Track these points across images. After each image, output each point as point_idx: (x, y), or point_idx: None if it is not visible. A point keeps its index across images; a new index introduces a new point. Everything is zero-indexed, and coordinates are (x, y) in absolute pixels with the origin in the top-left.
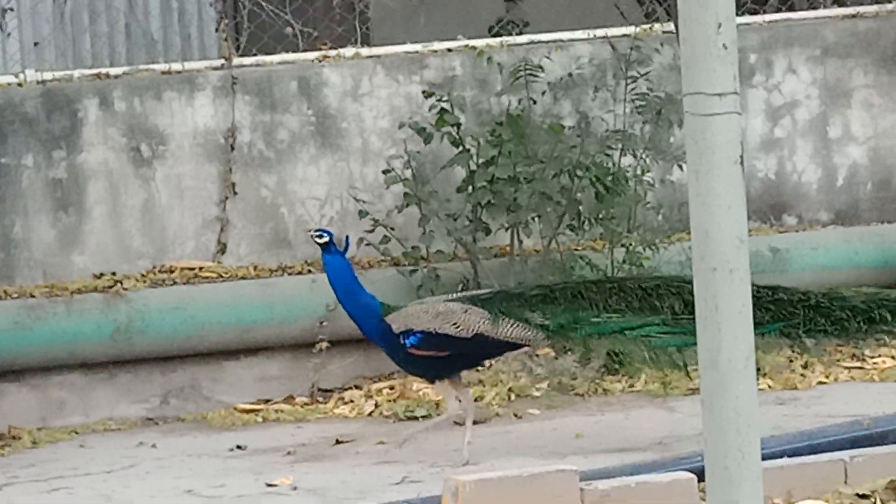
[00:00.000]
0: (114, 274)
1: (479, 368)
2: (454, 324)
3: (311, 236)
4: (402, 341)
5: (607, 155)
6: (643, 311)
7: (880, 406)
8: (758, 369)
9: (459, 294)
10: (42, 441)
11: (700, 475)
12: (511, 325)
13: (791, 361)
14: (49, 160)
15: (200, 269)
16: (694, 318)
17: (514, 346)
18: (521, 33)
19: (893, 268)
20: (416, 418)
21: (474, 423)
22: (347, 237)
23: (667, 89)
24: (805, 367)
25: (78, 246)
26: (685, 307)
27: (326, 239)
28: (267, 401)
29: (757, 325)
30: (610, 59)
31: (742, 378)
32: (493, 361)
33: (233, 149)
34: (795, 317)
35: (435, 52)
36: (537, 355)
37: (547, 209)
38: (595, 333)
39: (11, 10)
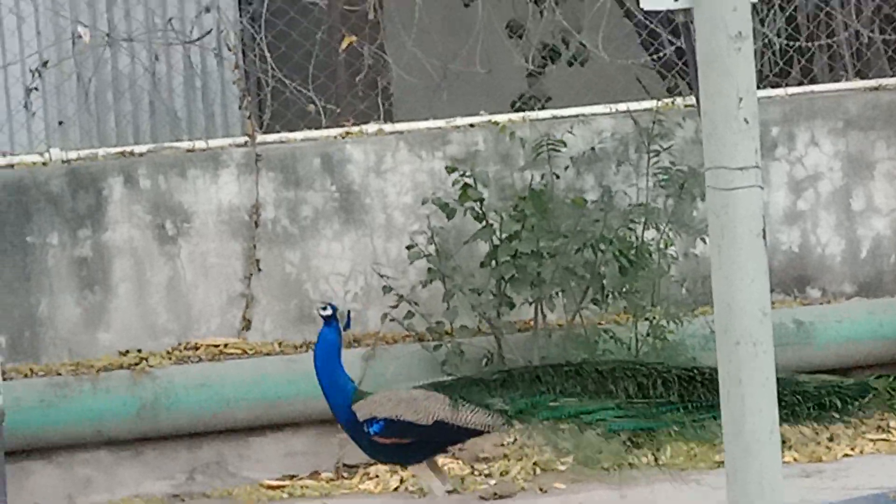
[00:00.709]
0: (139, 351)
1: (507, 442)
2: (415, 411)
3: (317, 309)
4: (365, 429)
5: (630, 229)
6: (598, 394)
7: None
8: (782, 441)
9: (424, 382)
10: None
11: None
12: (471, 412)
13: (816, 434)
14: (74, 238)
15: (225, 345)
16: (646, 402)
17: (476, 432)
18: (543, 108)
19: None
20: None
21: (500, 497)
22: (349, 312)
23: (689, 163)
24: (830, 439)
25: (103, 323)
26: (639, 390)
27: (330, 312)
28: (293, 476)
29: (711, 407)
30: (632, 133)
31: (767, 450)
32: (519, 440)
33: (257, 225)
34: None
35: (457, 127)
36: (562, 429)
37: (570, 283)
38: (553, 417)
39: (36, 89)
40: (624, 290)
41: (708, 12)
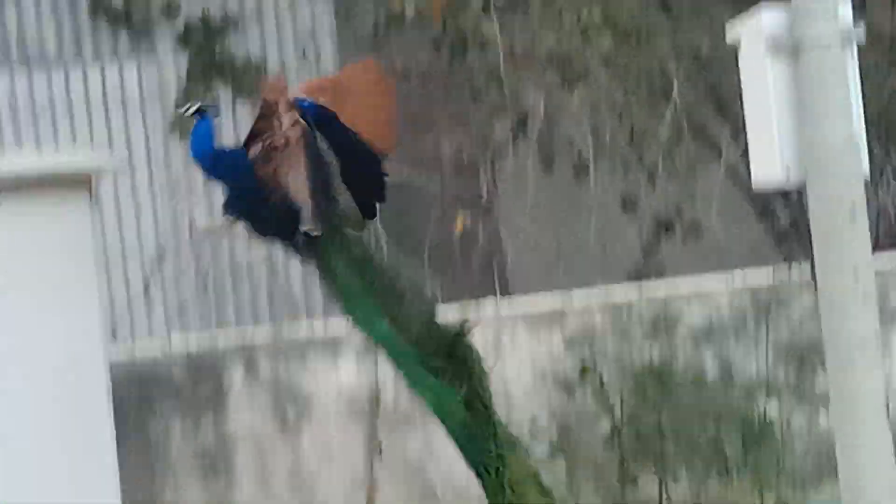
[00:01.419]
0: None
1: None
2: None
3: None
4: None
5: (752, 402)
6: None
7: None
8: None
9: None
10: None
11: None
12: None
13: None
14: (196, 427)
15: None
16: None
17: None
18: (658, 280)
19: None
20: None
21: None
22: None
23: (809, 334)
24: None
25: None
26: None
27: (194, 108)
28: None
29: None
30: (749, 306)
31: None
32: None
33: (377, 408)
34: None
35: (574, 305)
36: None
37: (694, 459)
38: None
39: (155, 276)
40: (748, 464)
41: (820, 188)
